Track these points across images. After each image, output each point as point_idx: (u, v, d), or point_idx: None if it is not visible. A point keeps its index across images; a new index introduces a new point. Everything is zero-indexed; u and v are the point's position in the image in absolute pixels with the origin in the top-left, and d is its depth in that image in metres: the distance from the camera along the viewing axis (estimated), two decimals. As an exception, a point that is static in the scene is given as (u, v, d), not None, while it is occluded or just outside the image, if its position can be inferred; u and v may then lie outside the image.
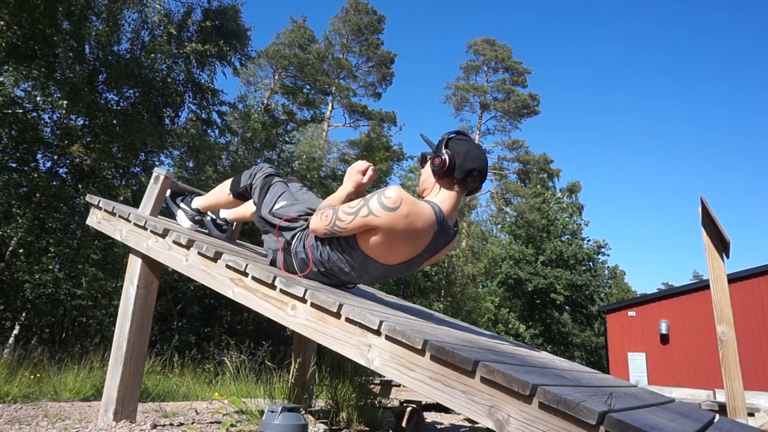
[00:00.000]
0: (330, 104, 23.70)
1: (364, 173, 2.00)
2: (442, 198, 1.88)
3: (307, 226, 1.98)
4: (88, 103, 7.75)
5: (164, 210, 2.57)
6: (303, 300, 1.60)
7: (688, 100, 57.66)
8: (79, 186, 8.61)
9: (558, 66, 55.14)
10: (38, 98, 7.24)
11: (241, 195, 2.33)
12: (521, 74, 28.52)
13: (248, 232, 8.25)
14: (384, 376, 2.56)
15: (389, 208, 1.71)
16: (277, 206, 2.08)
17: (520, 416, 1.14)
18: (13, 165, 7.76)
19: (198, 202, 2.52)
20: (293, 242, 1.98)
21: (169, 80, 9.36)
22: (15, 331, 7.73)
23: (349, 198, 1.94)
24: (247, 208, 2.44)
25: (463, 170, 1.85)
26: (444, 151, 1.86)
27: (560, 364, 2.04)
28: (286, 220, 2.01)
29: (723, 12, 52.39)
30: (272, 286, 1.69)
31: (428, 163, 1.93)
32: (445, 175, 1.87)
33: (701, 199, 3.56)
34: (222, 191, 2.40)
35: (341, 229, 1.79)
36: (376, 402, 2.94)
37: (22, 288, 7.94)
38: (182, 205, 2.53)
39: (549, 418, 1.10)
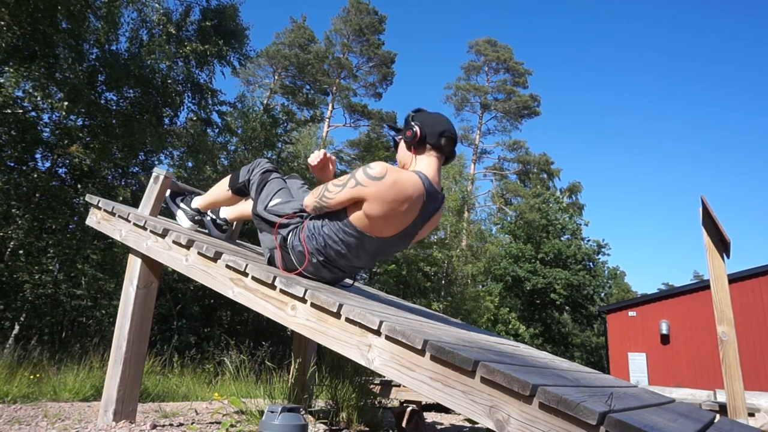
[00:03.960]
0: (330, 104, 23.69)
1: (314, 160, 2.06)
2: (423, 165, 1.95)
3: (302, 222, 2.00)
4: (88, 103, 7.74)
5: (164, 210, 2.56)
6: (303, 300, 1.60)
7: (688, 100, 57.74)
8: (79, 186, 8.60)
9: (559, 67, 55.18)
10: (38, 99, 7.23)
11: (239, 191, 2.33)
12: (522, 75, 28.53)
13: (248, 232, 8.24)
14: (384, 376, 2.55)
15: (375, 177, 1.77)
16: (272, 203, 2.09)
17: (520, 416, 1.14)
18: (13, 165, 7.76)
19: (198, 202, 2.52)
20: (289, 238, 2.00)
21: (169, 81, 9.36)
22: (15, 331, 7.72)
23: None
24: (246, 206, 2.44)
25: (434, 134, 1.94)
26: (412, 123, 1.96)
27: (560, 364, 2.04)
28: (285, 219, 2.02)
29: (723, 12, 52.41)
30: (272, 286, 1.69)
31: (401, 143, 2.02)
32: (419, 144, 1.96)
33: (702, 199, 3.56)
34: (221, 188, 2.40)
35: (329, 199, 1.85)
36: (376, 402, 2.93)
37: (22, 288, 7.94)
38: (182, 205, 2.52)
39: (549, 418, 1.10)
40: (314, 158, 2.05)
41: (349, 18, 24.13)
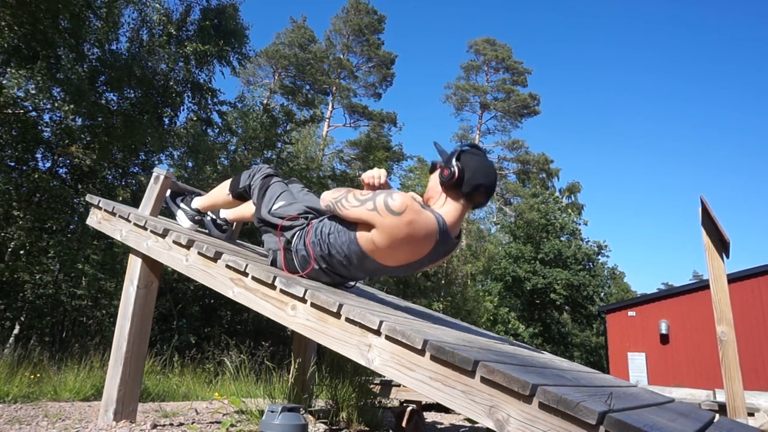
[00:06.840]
0: (330, 104, 23.69)
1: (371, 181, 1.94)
2: (447, 210, 1.88)
3: (307, 224, 1.99)
4: (90, 104, 7.75)
5: (164, 210, 2.57)
6: (303, 300, 1.60)
7: (689, 100, 57.72)
8: (79, 186, 8.61)
9: (558, 66, 55.13)
10: (39, 100, 7.23)
11: (240, 195, 2.34)
12: (521, 74, 28.51)
13: (248, 232, 8.24)
14: (384, 376, 2.56)
15: (393, 211, 1.72)
16: (276, 206, 2.09)
17: (520, 416, 1.14)
18: (13, 165, 7.76)
19: (198, 203, 2.52)
20: (294, 240, 1.99)
21: (170, 81, 9.37)
22: (15, 331, 7.73)
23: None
24: (246, 209, 2.44)
25: (470, 185, 1.84)
26: (454, 163, 1.85)
27: (560, 364, 2.04)
28: (287, 220, 2.01)
29: (723, 12, 52.40)
30: (272, 286, 1.69)
31: (437, 172, 1.93)
32: (452, 187, 1.86)
33: (701, 199, 3.56)
34: (221, 192, 2.40)
35: (343, 209, 1.83)
36: (376, 402, 2.93)
37: (23, 288, 7.94)
38: (182, 205, 2.53)
39: (549, 418, 1.10)
40: (372, 179, 1.93)
41: (349, 18, 24.12)
